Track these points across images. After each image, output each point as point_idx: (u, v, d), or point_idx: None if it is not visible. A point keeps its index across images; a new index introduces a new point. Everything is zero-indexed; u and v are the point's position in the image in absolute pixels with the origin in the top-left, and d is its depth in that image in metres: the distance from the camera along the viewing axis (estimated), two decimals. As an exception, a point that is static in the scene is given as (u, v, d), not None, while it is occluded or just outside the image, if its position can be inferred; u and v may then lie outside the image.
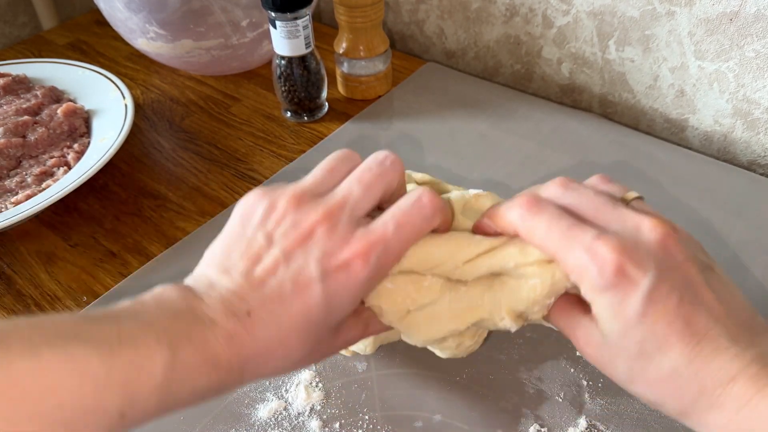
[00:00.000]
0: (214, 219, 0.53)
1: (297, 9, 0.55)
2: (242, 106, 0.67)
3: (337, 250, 0.29)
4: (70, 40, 0.81)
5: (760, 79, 0.55)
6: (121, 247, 0.52)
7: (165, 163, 0.60)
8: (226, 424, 0.39)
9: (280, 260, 0.29)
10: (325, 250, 0.29)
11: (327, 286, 0.29)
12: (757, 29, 0.53)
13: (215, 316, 0.27)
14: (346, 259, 0.29)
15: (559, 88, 0.70)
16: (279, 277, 0.29)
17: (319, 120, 0.64)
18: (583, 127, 0.61)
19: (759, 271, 0.46)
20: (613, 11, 0.60)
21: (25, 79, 0.64)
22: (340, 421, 0.38)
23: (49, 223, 0.54)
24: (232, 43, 0.65)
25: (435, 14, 0.74)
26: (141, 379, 0.24)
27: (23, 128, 0.57)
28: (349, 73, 0.65)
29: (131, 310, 0.27)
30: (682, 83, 0.60)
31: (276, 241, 0.30)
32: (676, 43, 0.58)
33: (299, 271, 0.29)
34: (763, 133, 0.58)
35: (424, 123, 0.63)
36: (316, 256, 0.29)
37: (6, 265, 0.51)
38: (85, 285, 0.49)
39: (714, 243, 0.48)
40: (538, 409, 0.39)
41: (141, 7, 0.61)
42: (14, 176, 0.54)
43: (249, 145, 0.62)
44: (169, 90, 0.71)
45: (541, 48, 0.68)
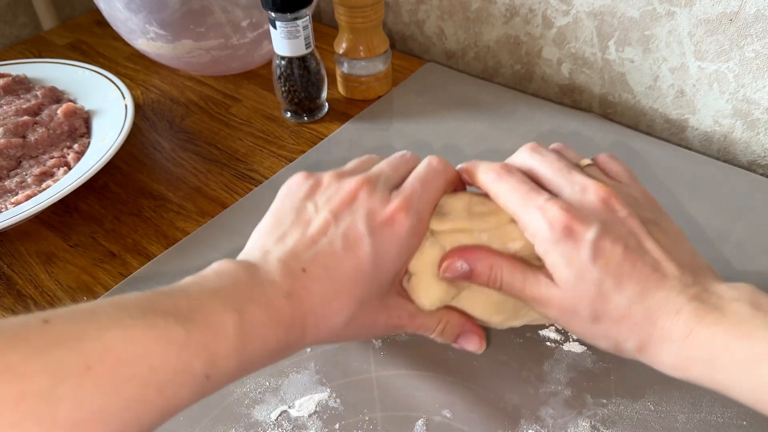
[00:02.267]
0: (214, 219, 0.53)
1: (297, 9, 0.55)
2: (242, 107, 0.67)
3: (380, 208, 0.33)
4: (70, 40, 0.81)
5: (760, 80, 0.55)
6: (121, 247, 0.52)
7: (165, 163, 0.60)
8: (226, 424, 0.39)
9: (330, 221, 0.33)
10: (369, 208, 0.33)
11: (375, 240, 0.32)
12: (757, 29, 0.53)
13: (273, 277, 0.30)
14: (389, 214, 0.33)
15: (559, 88, 0.70)
16: (330, 235, 0.32)
17: (319, 120, 0.64)
18: (583, 127, 0.61)
19: (759, 271, 0.46)
20: (613, 11, 0.60)
21: (25, 80, 0.64)
22: (341, 421, 0.38)
23: (49, 223, 0.54)
24: (232, 44, 0.65)
25: (435, 14, 0.74)
26: (217, 341, 0.26)
27: (23, 128, 0.57)
28: (349, 74, 0.65)
29: (196, 283, 0.29)
30: (682, 83, 0.60)
31: (322, 207, 0.34)
32: (676, 43, 0.58)
33: (348, 229, 0.32)
34: (763, 133, 0.58)
35: (424, 123, 0.63)
36: (362, 214, 0.33)
37: (6, 265, 0.51)
38: (85, 285, 0.49)
39: (714, 243, 0.48)
40: (539, 410, 0.39)
41: (141, 8, 0.61)
42: (14, 176, 0.54)
43: (249, 145, 0.62)
44: (169, 90, 0.71)
45: (541, 48, 0.68)
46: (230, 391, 0.40)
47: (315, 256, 0.31)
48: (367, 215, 0.33)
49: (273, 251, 0.32)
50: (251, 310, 0.28)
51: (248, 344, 0.28)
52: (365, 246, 0.32)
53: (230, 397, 0.40)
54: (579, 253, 0.31)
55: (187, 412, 0.39)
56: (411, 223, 0.33)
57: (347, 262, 0.31)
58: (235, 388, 0.40)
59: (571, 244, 0.31)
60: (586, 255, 0.31)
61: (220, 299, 0.28)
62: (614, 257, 0.31)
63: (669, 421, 0.37)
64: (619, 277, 0.31)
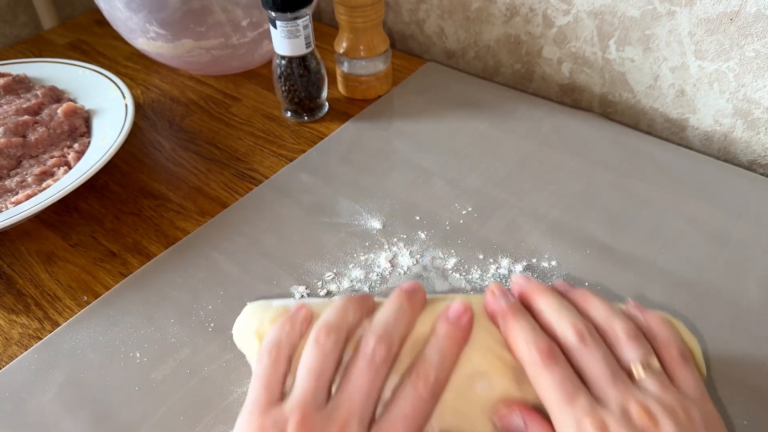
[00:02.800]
0: (214, 219, 0.53)
1: (297, 9, 0.55)
2: (242, 106, 0.67)
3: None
4: (71, 40, 0.81)
5: (761, 79, 0.55)
6: (121, 247, 0.52)
7: (165, 163, 0.60)
8: (226, 424, 0.39)
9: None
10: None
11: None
12: (757, 29, 0.53)
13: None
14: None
15: (559, 87, 0.70)
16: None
17: (320, 120, 0.64)
18: (583, 126, 0.61)
19: (759, 271, 0.46)
20: (614, 11, 0.60)
21: (25, 79, 0.64)
22: (340, 421, 0.38)
23: (49, 223, 0.54)
24: (232, 43, 0.65)
25: (435, 14, 0.74)
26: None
27: (23, 128, 0.57)
28: (349, 73, 0.65)
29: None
30: (682, 83, 0.60)
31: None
32: (677, 42, 0.58)
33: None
34: (763, 132, 0.58)
35: (424, 123, 0.63)
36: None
37: (6, 264, 0.51)
38: (85, 285, 0.49)
39: (714, 243, 0.48)
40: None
41: (141, 7, 0.61)
42: (14, 176, 0.54)
43: (249, 144, 0.62)
44: (169, 90, 0.71)
45: (541, 48, 0.68)
46: (230, 391, 0.40)
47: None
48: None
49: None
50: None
51: None
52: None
53: (230, 397, 0.40)
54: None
55: (188, 412, 0.39)
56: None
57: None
58: (235, 388, 0.40)
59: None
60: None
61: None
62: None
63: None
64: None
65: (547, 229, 0.50)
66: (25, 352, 0.44)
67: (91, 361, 0.43)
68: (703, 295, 0.45)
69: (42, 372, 0.42)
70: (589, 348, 0.32)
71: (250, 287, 0.47)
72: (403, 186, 0.55)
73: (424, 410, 0.31)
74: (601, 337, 0.33)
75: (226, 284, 0.47)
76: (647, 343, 0.33)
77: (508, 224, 0.51)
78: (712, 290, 0.45)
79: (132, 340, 0.44)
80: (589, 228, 0.50)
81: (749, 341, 0.42)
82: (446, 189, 0.55)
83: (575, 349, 0.32)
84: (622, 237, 0.49)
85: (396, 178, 0.56)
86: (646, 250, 0.48)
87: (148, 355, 0.43)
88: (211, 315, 0.45)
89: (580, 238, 0.49)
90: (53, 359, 0.43)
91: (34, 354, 0.43)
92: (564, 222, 0.51)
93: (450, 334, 0.33)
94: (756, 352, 0.41)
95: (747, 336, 0.42)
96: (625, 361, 0.32)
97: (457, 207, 0.53)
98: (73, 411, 0.40)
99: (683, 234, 0.49)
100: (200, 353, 0.43)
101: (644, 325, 0.34)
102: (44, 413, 0.40)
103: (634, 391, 0.30)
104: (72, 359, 0.43)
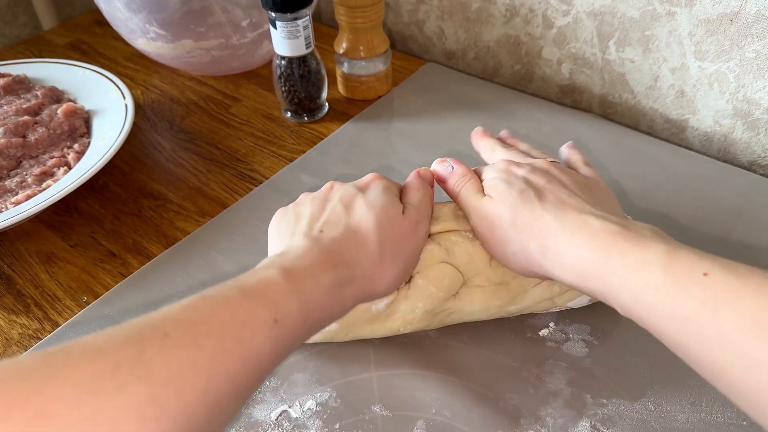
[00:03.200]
0: (214, 219, 0.53)
1: (297, 9, 0.55)
2: (242, 106, 0.67)
3: (357, 182, 0.40)
4: (70, 40, 0.81)
5: (761, 80, 0.55)
6: (121, 247, 0.52)
7: (165, 163, 0.60)
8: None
9: (322, 202, 0.39)
10: (348, 185, 0.40)
11: (363, 194, 0.38)
12: (757, 29, 0.53)
13: (299, 244, 0.35)
14: (367, 180, 0.41)
15: (559, 88, 0.70)
16: (329, 208, 0.38)
17: (319, 120, 0.64)
18: (583, 127, 0.61)
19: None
20: (613, 12, 0.60)
21: (25, 79, 0.64)
22: (341, 421, 0.38)
23: (49, 223, 0.54)
24: (232, 44, 0.65)
25: (435, 14, 0.74)
26: (271, 289, 0.30)
27: (23, 128, 0.57)
28: (349, 74, 0.65)
29: (240, 275, 0.32)
30: (682, 84, 0.60)
31: (312, 201, 0.39)
32: (677, 43, 0.58)
33: (342, 197, 0.38)
34: (763, 133, 0.58)
35: (424, 123, 0.63)
36: (347, 187, 0.40)
37: (6, 264, 0.51)
38: (85, 285, 0.49)
39: (714, 243, 0.48)
40: (538, 410, 0.39)
41: (141, 8, 0.61)
42: (14, 176, 0.54)
43: (249, 145, 0.62)
44: (169, 90, 0.71)
45: (541, 48, 0.68)
46: (230, 390, 0.40)
47: (325, 221, 0.37)
48: (350, 186, 0.39)
49: (291, 240, 0.36)
50: (292, 262, 0.33)
51: (301, 285, 0.31)
52: (359, 198, 0.38)
53: (230, 396, 0.40)
54: (511, 176, 0.39)
55: (187, 412, 0.39)
56: (387, 180, 0.41)
57: (351, 213, 0.37)
58: (235, 388, 0.40)
59: (506, 174, 0.39)
60: (517, 177, 0.38)
61: (263, 268, 0.32)
62: (538, 183, 0.38)
63: (669, 421, 0.37)
64: (540, 192, 0.37)
65: (547, 230, 0.50)
66: (25, 353, 0.44)
67: (91, 361, 0.43)
68: (703, 296, 0.45)
69: (42, 372, 0.42)
70: (511, 150, 0.44)
71: (250, 287, 0.47)
72: (403, 186, 0.55)
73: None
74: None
75: (226, 284, 0.47)
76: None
77: (508, 224, 0.51)
78: (712, 290, 0.45)
79: (132, 340, 0.44)
80: (589, 228, 0.50)
81: (749, 341, 0.42)
82: (446, 189, 0.55)
83: (502, 152, 0.44)
84: (622, 237, 0.49)
85: (396, 178, 0.56)
86: (646, 250, 0.48)
87: (148, 355, 0.43)
88: (211, 315, 0.45)
89: (580, 239, 0.49)
90: (53, 359, 0.43)
91: (34, 354, 0.43)
92: (564, 222, 0.51)
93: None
94: (756, 353, 0.41)
95: (747, 336, 0.42)
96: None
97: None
98: (73, 411, 0.40)
99: (683, 234, 0.49)
100: (200, 353, 0.42)
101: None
102: (44, 413, 0.40)
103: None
104: (72, 359, 0.43)
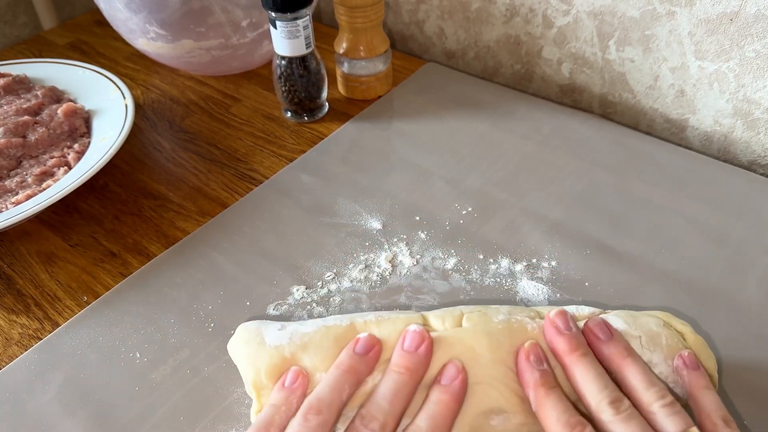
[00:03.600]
0: (214, 219, 0.53)
1: (297, 9, 0.55)
2: (242, 106, 0.67)
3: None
4: (71, 40, 0.81)
5: (761, 79, 0.55)
6: (121, 247, 0.52)
7: (165, 163, 0.60)
8: (226, 424, 0.39)
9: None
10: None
11: None
12: (757, 29, 0.53)
13: None
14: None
15: (559, 88, 0.70)
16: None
17: (320, 120, 0.64)
18: (583, 127, 0.61)
19: (759, 271, 0.46)
20: (614, 11, 0.60)
21: (25, 79, 0.64)
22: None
23: (49, 223, 0.54)
24: (232, 44, 0.65)
25: (435, 14, 0.74)
26: None
27: (23, 128, 0.57)
28: (349, 73, 0.65)
29: None
30: (682, 83, 0.60)
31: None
32: (677, 43, 0.58)
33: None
34: (763, 133, 0.58)
35: (424, 123, 0.63)
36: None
37: (6, 264, 0.51)
38: (85, 285, 0.49)
39: (714, 243, 0.48)
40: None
41: (141, 8, 0.61)
42: (14, 176, 0.54)
43: (249, 145, 0.62)
44: (169, 90, 0.71)
45: (541, 48, 0.68)
46: (230, 391, 0.40)
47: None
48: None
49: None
50: None
51: None
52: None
53: (230, 397, 0.40)
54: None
55: (188, 412, 0.39)
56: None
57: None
58: (235, 388, 0.40)
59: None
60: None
61: None
62: None
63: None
64: None
65: (547, 230, 0.50)
66: (25, 353, 0.44)
67: (91, 361, 0.43)
68: (702, 295, 0.45)
69: (42, 372, 0.42)
70: (625, 421, 0.30)
71: (250, 287, 0.47)
72: (403, 186, 0.55)
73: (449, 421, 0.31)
74: (637, 407, 0.31)
75: (226, 284, 0.47)
76: (687, 416, 0.31)
77: (508, 224, 0.51)
78: (712, 290, 0.45)
79: (132, 340, 0.44)
80: (589, 228, 0.50)
81: (749, 341, 0.42)
82: (446, 189, 0.55)
83: (609, 422, 0.31)
84: (622, 237, 0.49)
85: (396, 178, 0.56)
86: (646, 250, 0.48)
87: (148, 355, 0.43)
88: (211, 315, 0.45)
89: (580, 238, 0.49)
90: (53, 359, 0.43)
91: (34, 354, 0.43)
92: (564, 222, 0.51)
93: (442, 400, 0.32)
94: (756, 352, 0.41)
95: (746, 335, 0.42)
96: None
97: (457, 207, 0.53)
98: (73, 411, 0.40)
99: (683, 234, 0.49)
100: (200, 353, 0.43)
101: (686, 386, 0.33)
102: (44, 413, 0.40)
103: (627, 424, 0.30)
104: (72, 359, 0.43)
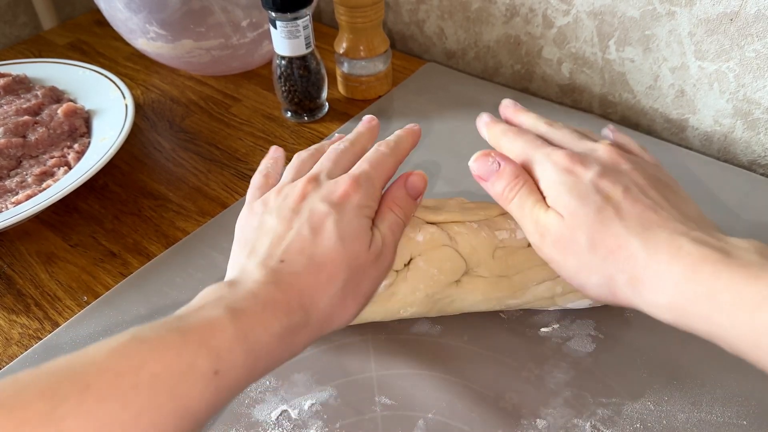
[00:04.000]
0: (214, 219, 0.53)
1: (297, 9, 0.55)
2: (242, 106, 0.67)
3: (332, 189, 0.35)
4: (71, 40, 0.81)
5: (761, 79, 0.55)
6: (121, 247, 0.52)
7: (165, 163, 0.60)
8: (226, 424, 0.39)
9: (291, 217, 0.34)
10: (322, 194, 0.35)
11: (337, 214, 0.34)
12: (757, 29, 0.53)
13: (255, 277, 0.31)
14: (343, 190, 0.35)
15: (559, 88, 0.70)
16: (295, 227, 0.34)
17: (320, 120, 0.64)
18: (583, 126, 0.60)
19: (759, 271, 0.46)
20: (614, 11, 0.60)
21: (25, 79, 0.64)
22: (341, 421, 0.38)
23: (49, 223, 0.54)
24: (232, 43, 0.65)
25: (435, 14, 0.74)
26: (216, 336, 0.27)
27: (23, 128, 0.57)
28: (349, 73, 0.65)
29: (183, 307, 0.29)
30: (682, 83, 0.60)
31: (279, 211, 0.35)
32: (677, 43, 0.58)
33: (310, 215, 0.34)
34: (763, 133, 0.58)
35: (424, 123, 0.62)
36: (318, 200, 0.35)
37: (6, 264, 0.51)
38: (85, 285, 0.49)
39: (714, 243, 0.48)
40: (539, 410, 0.39)
41: (141, 8, 0.61)
42: (14, 176, 0.54)
43: (249, 145, 0.62)
44: (169, 90, 0.71)
45: (541, 48, 0.68)
46: (230, 390, 0.40)
47: (287, 247, 0.33)
48: (323, 199, 0.35)
49: (248, 263, 0.33)
50: (242, 304, 0.29)
51: (249, 333, 0.28)
52: (329, 222, 0.33)
53: (230, 396, 0.40)
54: (580, 184, 0.33)
55: (187, 412, 0.39)
56: (364, 192, 0.35)
57: (318, 241, 0.33)
58: (235, 388, 0.40)
59: (573, 178, 0.33)
60: (587, 186, 0.32)
61: (210, 305, 0.28)
62: (614, 195, 0.32)
63: (669, 421, 0.37)
64: (619, 209, 0.31)
65: (547, 230, 0.50)
66: (25, 352, 0.44)
67: (91, 361, 0.43)
68: (703, 295, 0.45)
69: (42, 372, 0.42)
70: (557, 128, 0.38)
71: (250, 287, 0.47)
72: (403, 186, 0.55)
73: (387, 162, 0.38)
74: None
75: (226, 284, 0.47)
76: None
77: (508, 224, 0.51)
78: (712, 290, 0.45)
79: (132, 340, 0.44)
80: (589, 228, 0.50)
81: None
82: (446, 189, 0.55)
83: (546, 132, 0.38)
84: (622, 237, 0.49)
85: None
86: (646, 250, 0.48)
87: (148, 355, 0.43)
88: (211, 315, 0.45)
89: (580, 239, 0.49)
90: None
91: (34, 354, 0.43)
92: (564, 222, 0.51)
93: (380, 151, 0.39)
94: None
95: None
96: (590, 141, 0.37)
97: (457, 207, 0.53)
98: (73, 411, 0.40)
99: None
100: (200, 353, 0.42)
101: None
102: (44, 413, 0.40)
103: (594, 141, 0.36)
104: (72, 359, 0.43)
